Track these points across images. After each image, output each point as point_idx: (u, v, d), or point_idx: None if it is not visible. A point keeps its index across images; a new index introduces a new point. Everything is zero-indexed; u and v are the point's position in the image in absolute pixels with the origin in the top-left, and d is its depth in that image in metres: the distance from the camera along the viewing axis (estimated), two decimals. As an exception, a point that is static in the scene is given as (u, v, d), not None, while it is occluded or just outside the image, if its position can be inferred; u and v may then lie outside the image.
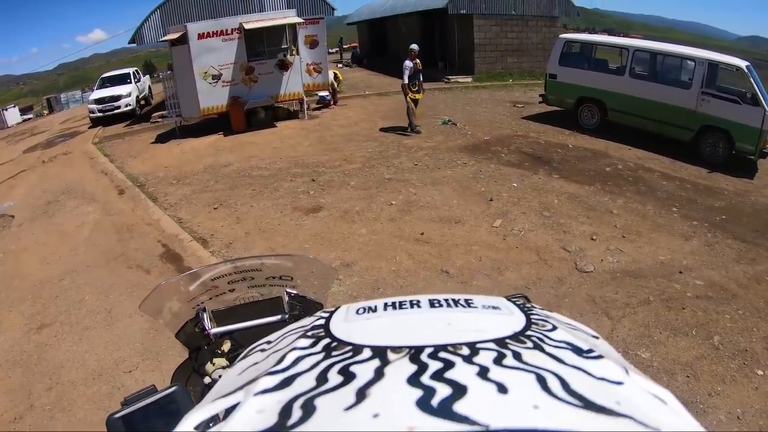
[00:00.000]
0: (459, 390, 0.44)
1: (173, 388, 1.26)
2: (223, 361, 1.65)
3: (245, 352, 0.73)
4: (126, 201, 8.39)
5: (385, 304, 0.65)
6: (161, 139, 12.59)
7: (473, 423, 0.39)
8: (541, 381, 0.46)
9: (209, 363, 1.64)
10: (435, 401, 0.42)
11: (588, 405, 0.42)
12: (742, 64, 8.94)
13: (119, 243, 6.72)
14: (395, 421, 0.40)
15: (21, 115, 28.63)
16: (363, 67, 24.00)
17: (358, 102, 15.17)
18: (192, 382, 1.67)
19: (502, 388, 0.44)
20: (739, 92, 8.86)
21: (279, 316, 1.69)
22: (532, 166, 8.60)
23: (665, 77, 9.89)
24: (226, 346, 1.69)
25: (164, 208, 7.72)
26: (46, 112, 31.07)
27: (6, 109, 28.54)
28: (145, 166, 10.23)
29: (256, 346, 0.71)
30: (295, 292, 1.73)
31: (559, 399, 0.43)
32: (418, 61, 10.22)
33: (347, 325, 0.62)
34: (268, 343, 0.68)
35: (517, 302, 0.68)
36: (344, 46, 32.86)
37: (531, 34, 19.34)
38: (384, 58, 23.54)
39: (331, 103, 14.66)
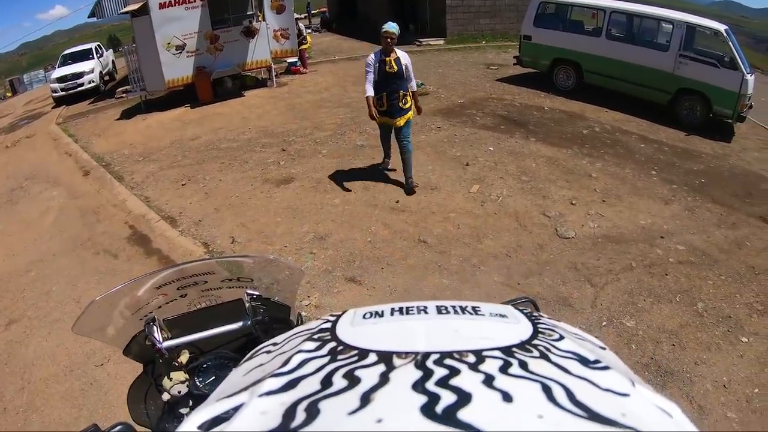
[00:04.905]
0: (464, 397, 0.43)
1: (117, 428, 1.14)
2: (181, 375, 1.41)
3: (251, 353, 0.71)
4: (91, 182, 7.98)
5: (392, 310, 0.65)
6: (126, 114, 12.04)
7: (476, 431, 0.39)
8: (547, 391, 0.45)
9: (166, 378, 1.40)
10: (439, 408, 0.42)
11: (593, 416, 0.42)
12: (721, 27, 8.79)
13: (85, 228, 6.40)
14: (399, 426, 0.40)
15: (-19, 100, 27.40)
16: (332, 32, 23.19)
17: (328, 67, 14.64)
18: (151, 396, 1.46)
19: (507, 397, 0.44)
20: (717, 56, 8.74)
21: (240, 323, 1.45)
22: (508, 129, 8.36)
23: (642, 39, 9.72)
24: (184, 358, 1.44)
25: (130, 188, 7.37)
26: (9, 94, 29.85)
27: (-36, 95, 27.31)
28: (110, 144, 9.72)
29: (262, 348, 0.70)
30: (257, 293, 1.51)
31: (564, 409, 0.42)
32: (392, 56, 5.81)
33: (354, 329, 0.62)
34: (274, 344, 0.68)
35: (525, 311, 0.67)
36: (312, 11, 31.94)
37: (505, -5, 18.87)
38: (354, 21, 22.84)
39: (300, 69, 14.14)
